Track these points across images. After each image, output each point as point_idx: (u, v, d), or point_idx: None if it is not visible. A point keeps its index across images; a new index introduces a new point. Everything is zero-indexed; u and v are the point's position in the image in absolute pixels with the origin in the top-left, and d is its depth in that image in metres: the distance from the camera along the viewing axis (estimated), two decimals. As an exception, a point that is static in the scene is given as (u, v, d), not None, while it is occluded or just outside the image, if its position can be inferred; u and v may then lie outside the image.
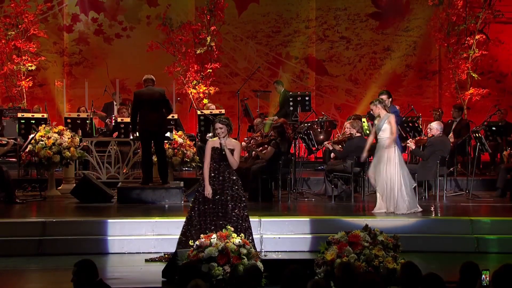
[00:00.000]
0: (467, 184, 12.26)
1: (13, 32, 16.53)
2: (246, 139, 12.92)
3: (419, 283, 5.51)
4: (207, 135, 13.17)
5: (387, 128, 9.93)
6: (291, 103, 13.98)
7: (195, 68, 16.64)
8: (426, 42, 18.09)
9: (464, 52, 16.30)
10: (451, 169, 12.69)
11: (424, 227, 9.52)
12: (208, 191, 7.84)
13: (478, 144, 12.07)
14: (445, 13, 16.64)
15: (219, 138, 7.86)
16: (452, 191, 12.46)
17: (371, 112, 10.32)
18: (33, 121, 12.41)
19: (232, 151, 7.87)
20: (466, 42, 16.26)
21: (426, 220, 9.85)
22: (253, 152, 12.09)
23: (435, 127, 11.44)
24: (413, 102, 15.82)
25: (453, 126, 13.85)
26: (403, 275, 5.87)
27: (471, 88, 16.29)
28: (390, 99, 10.75)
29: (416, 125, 13.12)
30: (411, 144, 11.50)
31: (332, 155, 12.12)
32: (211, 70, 16.70)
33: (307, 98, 14.06)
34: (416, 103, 16.18)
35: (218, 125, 7.91)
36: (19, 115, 13.07)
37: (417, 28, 18.22)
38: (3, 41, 16.52)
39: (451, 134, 13.50)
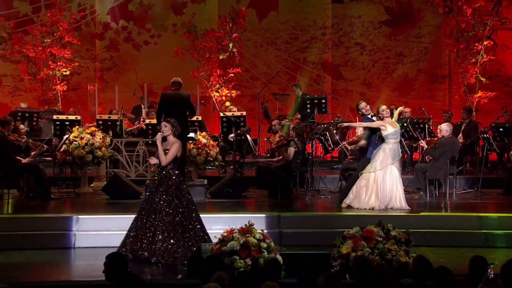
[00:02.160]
0: (475, 182, 12.15)
1: (49, 40, 16.67)
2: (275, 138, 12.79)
3: (430, 276, 5.47)
4: (229, 136, 13.18)
5: None
6: (308, 106, 13.94)
7: (218, 73, 16.67)
8: (436, 48, 17.99)
9: (473, 57, 16.21)
10: (461, 168, 12.58)
11: (435, 223, 9.43)
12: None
13: (486, 144, 11.97)
14: (454, 21, 16.57)
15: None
16: (461, 188, 12.34)
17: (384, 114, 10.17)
18: (67, 123, 12.50)
19: (167, 150, 7.92)
20: (475, 47, 16.16)
21: (436, 216, 9.78)
22: (276, 153, 12.03)
23: (444, 129, 11.36)
24: (424, 104, 15.71)
25: (463, 127, 13.74)
26: (415, 268, 5.83)
27: (479, 91, 16.20)
28: (369, 106, 10.64)
29: (427, 126, 13.04)
30: (423, 144, 11.46)
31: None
32: (233, 75, 16.72)
33: (323, 101, 14.02)
34: (427, 105, 16.07)
35: (163, 123, 8.13)
36: (55, 117, 13.18)
37: (428, 35, 18.14)
38: (39, 48, 16.66)
39: (460, 135, 13.39)
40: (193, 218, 7.98)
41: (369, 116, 10.34)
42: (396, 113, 10.54)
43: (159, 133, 8.11)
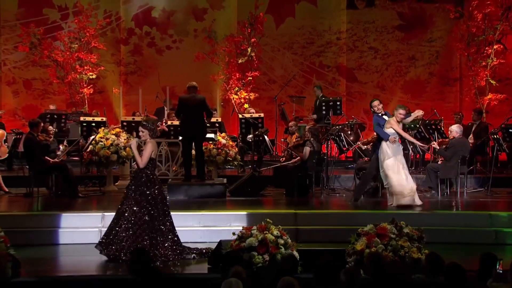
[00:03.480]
0: (486, 181, 12.05)
1: (77, 45, 16.80)
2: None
3: (442, 271, 5.44)
4: (248, 137, 13.19)
5: None
6: (323, 108, 13.91)
7: (237, 76, 16.70)
8: (448, 51, 17.89)
9: (483, 61, 16.10)
10: (471, 167, 12.49)
11: (446, 220, 9.37)
12: None
13: (496, 144, 11.87)
14: (465, 25, 16.47)
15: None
16: (472, 188, 12.23)
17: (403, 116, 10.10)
18: (94, 124, 12.57)
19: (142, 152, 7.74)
20: (485, 51, 16.07)
21: (448, 214, 9.74)
22: (293, 154, 12.02)
23: (454, 130, 11.30)
24: (435, 106, 15.59)
25: (473, 129, 13.64)
26: (428, 264, 5.82)
27: (489, 93, 16.09)
28: (381, 105, 10.55)
29: (439, 127, 12.96)
30: (435, 145, 11.42)
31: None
32: (251, 78, 16.74)
33: (338, 103, 13.96)
34: (439, 107, 15.93)
35: (140, 128, 7.99)
36: (82, 118, 13.26)
37: (440, 39, 18.04)
38: (67, 53, 16.79)
39: (471, 136, 13.29)
40: (161, 219, 7.82)
41: (380, 114, 10.29)
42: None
43: (134, 139, 7.97)
